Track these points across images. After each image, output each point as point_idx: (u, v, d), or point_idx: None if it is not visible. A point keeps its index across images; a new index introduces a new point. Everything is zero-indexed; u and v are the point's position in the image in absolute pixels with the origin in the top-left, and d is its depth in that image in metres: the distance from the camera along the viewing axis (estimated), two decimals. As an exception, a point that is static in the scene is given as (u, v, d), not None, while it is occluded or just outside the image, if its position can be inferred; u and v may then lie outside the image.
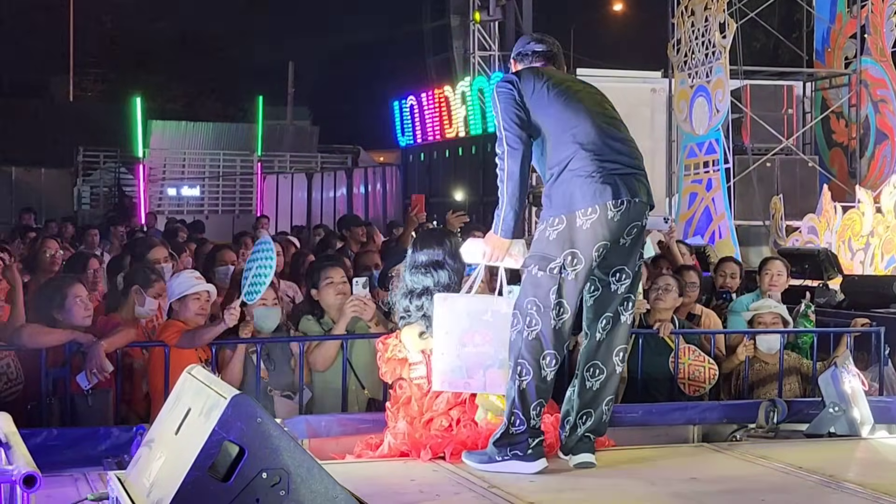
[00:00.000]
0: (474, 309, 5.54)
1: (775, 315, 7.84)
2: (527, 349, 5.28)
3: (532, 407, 5.28)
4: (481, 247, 5.59)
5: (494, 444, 5.30)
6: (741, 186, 18.58)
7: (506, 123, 5.45)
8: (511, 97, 5.49)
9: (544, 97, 5.51)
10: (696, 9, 18.61)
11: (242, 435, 3.65)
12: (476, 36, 22.21)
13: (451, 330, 5.51)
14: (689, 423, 6.81)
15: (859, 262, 14.68)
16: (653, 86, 22.11)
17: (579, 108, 5.52)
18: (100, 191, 32.95)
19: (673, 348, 7.30)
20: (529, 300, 5.32)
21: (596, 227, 5.27)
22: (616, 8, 43.18)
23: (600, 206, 5.27)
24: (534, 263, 5.35)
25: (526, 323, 5.30)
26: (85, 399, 6.23)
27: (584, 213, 5.27)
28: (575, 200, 5.29)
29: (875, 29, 18.91)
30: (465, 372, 5.50)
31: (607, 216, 5.28)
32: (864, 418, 6.31)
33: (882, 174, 18.31)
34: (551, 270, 5.28)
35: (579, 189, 5.29)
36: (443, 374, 5.52)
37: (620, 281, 5.51)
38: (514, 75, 5.68)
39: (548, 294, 5.28)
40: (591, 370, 5.49)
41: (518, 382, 5.28)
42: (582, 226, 5.27)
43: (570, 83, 5.68)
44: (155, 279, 7.24)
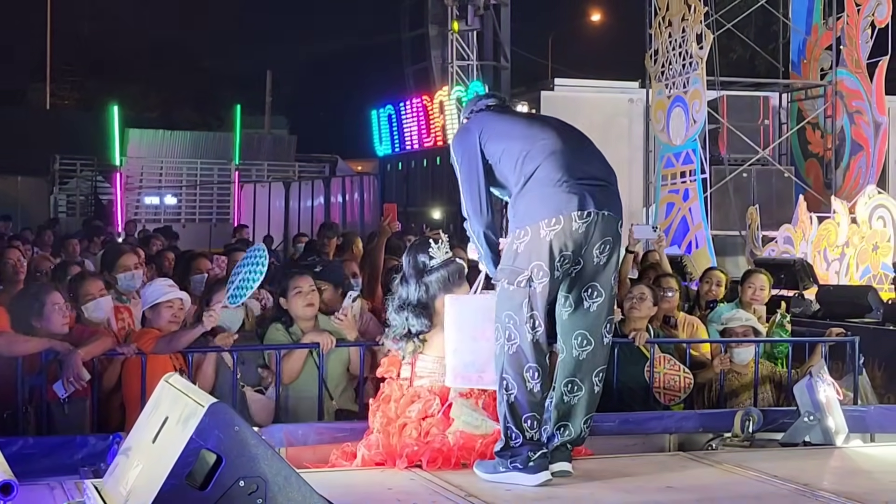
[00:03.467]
0: (484, 305, 5.52)
1: (746, 328, 7.85)
2: (509, 363, 5.27)
3: (523, 420, 5.24)
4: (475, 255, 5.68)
5: (497, 454, 5.31)
6: (718, 196, 18.67)
7: (464, 196, 5.48)
8: (465, 150, 5.50)
9: (506, 120, 5.53)
10: (674, 20, 18.70)
11: (220, 443, 3.66)
12: (454, 45, 22.24)
13: (463, 327, 5.55)
14: (666, 432, 6.84)
15: (835, 272, 14.75)
16: (630, 96, 22.20)
17: (546, 123, 5.54)
18: (76, 199, 32.84)
19: (648, 357, 7.32)
20: (507, 314, 5.29)
21: (560, 238, 5.21)
22: (594, 18, 43.37)
23: (564, 217, 5.21)
24: (504, 277, 5.32)
25: (506, 337, 5.28)
26: (61, 407, 6.21)
27: (548, 224, 5.21)
28: (539, 211, 5.24)
29: (850, 41, 19.05)
30: (477, 367, 5.52)
31: (572, 227, 5.22)
32: (838, 427, 6.35)
33: (857, 185, 18.43)
34: (519, 284, 5.25)
35: (544, 199, 5.24)
36: (455, 370, 5.55)
37: (593, 298, 5.41)
38: (464, 128, 5.64)
39: (520, 307, 5.25)
40: (568, 386, 5.43)
41: (506, 397, 5.27)
42: (545, 237, 5.21)
43: (521, 113, 5.84)
44: (86, 281, 7.19)
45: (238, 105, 33.28)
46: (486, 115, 5.60)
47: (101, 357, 6.33)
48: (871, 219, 14.47)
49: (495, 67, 22.99)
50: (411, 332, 5.79)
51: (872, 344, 9.22)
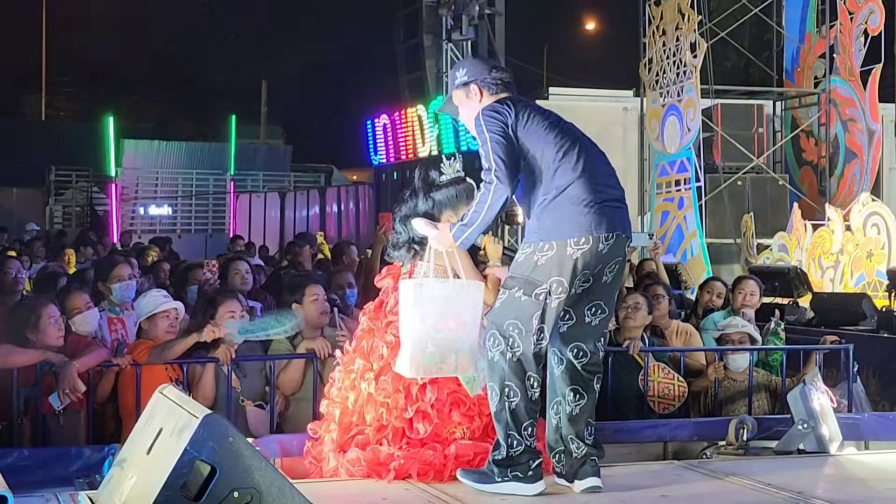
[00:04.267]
0: (447, 294, 5.47)
1: (743, 334, 7.89)
2: (512, 371, 5.27)
3: (524, 427, 5.27)
4: (431, 231, 5.55)
5: (495, 463, 5.28)
6: (712, 205, 18.68)
7: (497, 155, 5.30)
8: (502, 126, 5.36)
9: (537, 125, 5.42)
10: (668, 28, 18.73)
11: (214, 454, 3.67)
12: (449, 55, 22.25)
13: (426, 318, 5.43)
14: (660, 441, 6.87)
15: (829, 279, 14.77)
16: (625, 104, 22.21)
17: (575, 137, 5.47)
18: (72, 210, 32.86)
19: (643, 366, 7.34)
20: (511, 322, 5.29)
21: (586, 257, 5.24)
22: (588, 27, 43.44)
23: (593, 238, 5.24)
24: (518, 286, 5.30)
25: (508, 345, 5.28)
26: (56, 419, 6.23)
27: (577, 243, 5.24)
28: (569, 228, 5.25)
29: (844, 49, 19.08)
30: (438, 358, 5.43)
31: (598, 248, 5.26)
32: (832, 435, 6.37)
33: (851, 192, 18.45)
34: (537, 296, 5.25)
35: (574, 217, 5.25)
36: (417, 362, 5.42)
37: (595, 315, 5.45)
38: (500, 104, 5.47)
39: (530, 318, 5.26)
40: (571, 394, 5.42)
41: (508, 404, 5.27)
42: (572, 255, 5.23)
43: (551, 113, 5.58)
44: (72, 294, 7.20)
45: (233, 115, 33.34)
46: (511, 107, 5.44)
47: (95, 368, 6.34)
48: (865, 226, 14.49)
49: (490, 77, 22.97)
50: (413, 240, 5.79)
51: (867, 351, 9.24)
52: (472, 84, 5.61)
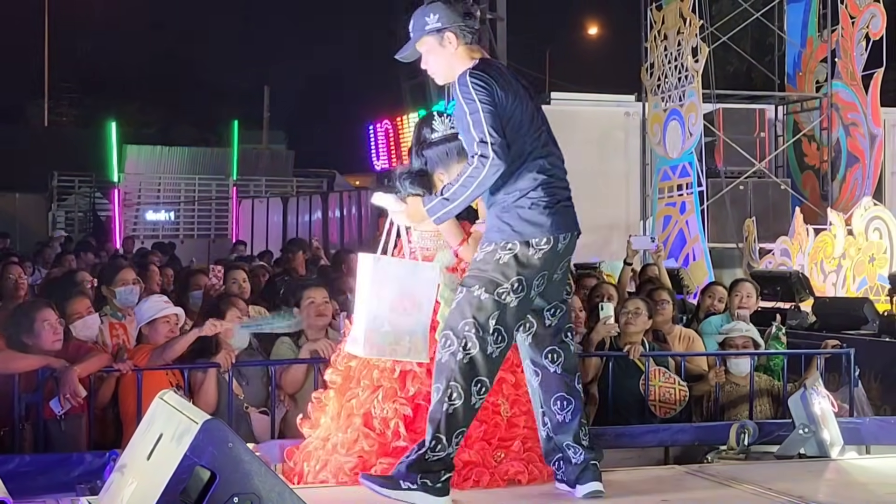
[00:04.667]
0: (404, 273, 5.33)
1: (746, 338, 7.90)
2: (460, 373, 5.04)
3: (456, 434, 5.06)
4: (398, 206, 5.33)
5: (409, 467, 5.03)
6: (714, 209, 18.69)
7: (491, 127, 5.04)
8: (493, 99, 5.10)
9: (517, 115, 5.19)
10: (669, 33, 18.74)
11: (214, 460, 3.66)
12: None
13: (384, 295, 5.26)
14: (661, 445, 6.87)
15: (831, 284, 14.76)
16: (626, 109, 22.18)
17: (542, 129, 5.33)
18: (74, 215, 32.87)
19: (643, 370, 7.34)
20: (467, 321, 5.09)
21: (547, 256, 5.15)
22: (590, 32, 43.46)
23: (553, 238, 5.15)
24: (478, 285, 5.12)
25: (461, 345, 5.06)
26: (58, 424, 6.24)
27: (539, 243, 5.13)
28: (532, 229, 5.14)
29: (845, 53, 19.08)
30: (392, 339, 5.26)
31: (557, 248, 5.18)
32: (833, 440, 6.36)
33: (853, 197, 18.45)
34: (499, 295, 5.09)
35: (536, 218, 5.14)
36: (371, 341, 5.27)
37: (555, 315, 5.38)
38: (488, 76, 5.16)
39: (488, 319, 5.08)
40: (558, 403, 5.35)
41: (447, 406, 5.04)
42: (534, 255, 5.13)
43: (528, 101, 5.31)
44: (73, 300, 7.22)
45: (236, 121, 33.34)
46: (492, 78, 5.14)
47: (96, 374, 6.35)
48: (867, 230, 14.48)
49: (492, 82, 23.00)
50: None
51: (868, 356, 9.24)
52: (447, 31, 5.31)
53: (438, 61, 5.35)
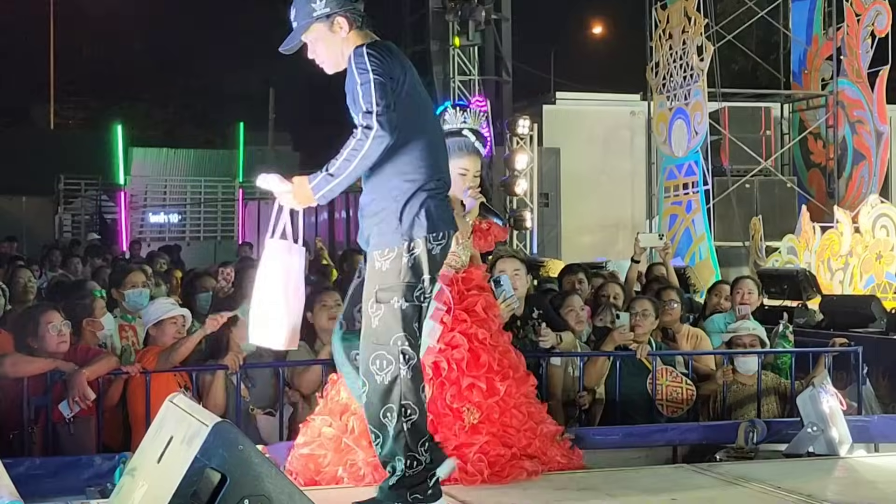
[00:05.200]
0: (297, 260, 5.11)
1: (753, 336, 7.91)
2: (408, 388, 4.86)
3: (421, 443, 4.90)
4: (284, 187, 5.08)
5: (391, 489, 4.88)
6: (721, 208, 18.68)
7: (380, 97, 4.75)
8: (385, 69, 4.84)
9: (413, 101, 4.98)
10: (674, 32, 18.74)
11: (224, 462, 3.68)
12: (456, 61, 22.25)
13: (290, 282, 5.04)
14: (669, 444, 6.87)
15: (839, 281, 14.76)
16: (632, 108, 22.23)
17: (436, 124, 5.18)
18: (81, 218, 32.88)
19: (651, 370, 7.34)
20: (398, 336, 4.86)
21: (444, 253, 5.03)
22: (595, 32, 43.44)
23: (448, 234, 5.02)
24: (396, 296, 4.88)
25: (401, 361, 4.86)
26: (67, 427, 6.26)
27: (436, 239, 4.95)
28: (429, 224, 4.92)
29: (851, 50, 19.07)
30: (291, 328, 5.04)
31: (448, 244, 5.04)
32: (842, 438, 6.36)
33: (860, 194, 18.44)
34: (417, 298, 4.91)
35: (434, 212, 4.94)
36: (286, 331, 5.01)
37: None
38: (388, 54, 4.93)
39: (412, 324, 4.90)
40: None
41: (405, 424, 4.86)
42: (432, 250, 4.94)
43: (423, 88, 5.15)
44: (90, 300, 7.25)
45: (241, 122, 33.34)
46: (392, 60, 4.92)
47: (104, 376, 6.36)
48: (874, 228, 14.47)
49: (497, 82, 23.00)
50: None
51: (876, 354, 9.23)
52: (338, 16, 5.05)
53: (329, 49, 5.09)
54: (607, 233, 22.14)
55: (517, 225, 19.66)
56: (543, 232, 21.07)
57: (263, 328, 5.01)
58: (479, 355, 5.60)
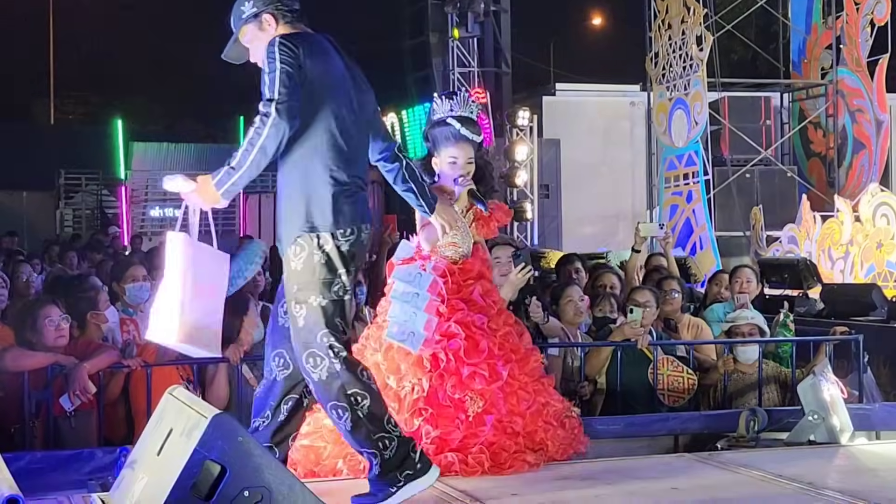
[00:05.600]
0: (213, 259, 4.98)
1: (752, 325, 7.89)
2: (350, 377, 4.85)
3: (385, 421, 4.87)
4: (190, 186, 4.91)
5: (379, 478, 4.86)
6: (721, 198, 18.68)
7: (283, 86, 4.74)
8: (298, 62, 4.81)
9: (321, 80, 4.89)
10: (674, 22, 18.72)
11: (224, 454, 3.67)
12: (455, 53, 22.26)
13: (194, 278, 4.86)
14: (671, 434, 6.87)
15: (839, 270, 14.76)
16: (632, 99, 22.24)
17: (361, 119, 5.09)
18: (82, 213, 32.88)
19: (652, 360, 7.33)
20: (322, 333, 4.84)
21: (356, 248, 4.95)
22: (594, 23, 43.41)
23: (358, 228, 4.94)
24: (313, 295, 4.86)
25: (332, 354, 4.84)
26: (68, 421, 6.25)
27: (345, 234, 4.89)
28: (336, 219, 4.88)
29: (850, 39, 19.06)
30: (196, 327, 4.88)
31: (362, 239, 4.98)
32: (843, 426, 6.36)
33: (860, 183, 18.44)
34: (336, 293, 4.88)
35: (340, 207, 4.89)
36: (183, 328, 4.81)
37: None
38: (300, 40, 4.91)
39: (335, 318, 4.88)
40: (290, 403, 5.13)
41: (359, 412, 4.84)
42: (341, 246, 4.89)
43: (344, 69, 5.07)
44: (94, 293, 7.24)
45: (241, 116, 33.30)
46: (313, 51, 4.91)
47: (105, 370, 6.36)
48: (874, 217, 14.48)
49: (496, 73, 23.02)
50: None
51: (877, 342, 9.23)
52: (265, 14, 5.02)
53: (258, 49, 4.99)
54: (608, 223, 22.15)
55: (518, 216, 19.66)
56: (544, 223, 21.09)
57: (155, 322, 4.88)
58: (478, 342, 5.58)
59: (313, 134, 4.90)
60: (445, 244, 5.66)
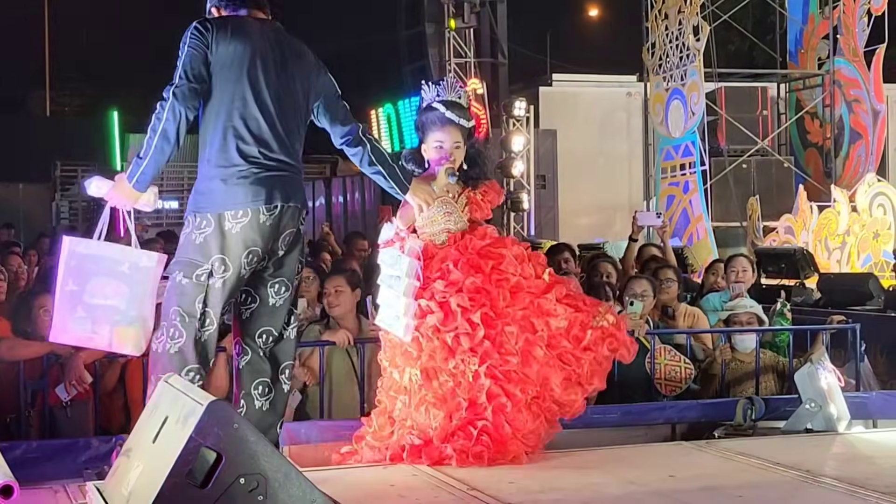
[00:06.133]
0: (109, 257, 4.97)
1: (751, 314, 7.89)
2: (170, 364, 4.86)
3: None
4: (107, 189, 5.05)
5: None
6: (718, 188, 18.69)
7: (184, 69, 4.89)
8: (201, 42, 4.91)
9: (231, 61, 4.95)
10: (670, 12, 18.71)
11: (219, 441, 3.66)
12: (451, 43, 22.23)
13: (78, 279, 4.91)
14: (668, 422, 6.86)
15: (836, 260, 14.78)
16: (628, 90, 22.23)
17: (259, 90, 5.02)
18: (78, 205, 32.85)
19: (649, 349, 7.32)
20: (174, 309, 4.90)
21: (246, 231, 4.90)
22: (591, 13, 43.36)
23: (252, 210, 4.90)
24: (178, 269, 4.93)
25: (169, 335, 4.89)
26: (64, 411, 6.25)
27: (235, 216, 4.90)
28: (225, 200, 4.91)
29: (847, 29, 19.05)
30: (90, 325, 4.94)
31: (259, 220, 4.92)
32: (840, 414, 6.36)
33: (857, 173, 18.45)
34: (198, 277, 4.88)
35: (231, 188, 4.93)
36: (65, 325, 4.93)
37: (279, 294, 5.16)
38: (210, 24, 5.01)
39: (193, 303, 4.88)
40: (258, 388, 5.17)
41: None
42: (231, 229, 4.89)
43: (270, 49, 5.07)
44: None
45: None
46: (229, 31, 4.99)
47: (102, 359, 6.35)
48: (871, 207, 14.49)
49: (493, 64, 22.98)
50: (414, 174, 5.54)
51: (874, 331, 9.24)
52: (212, 7, 5.23)
53: None
54: (604, 214, 22.13)
55: (514, 207, 19.65)
56: (541, 214, 21.06)
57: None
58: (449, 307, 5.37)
59: (214, 115, 5.01)
60: (438, 230, 5.61)
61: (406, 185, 5.36)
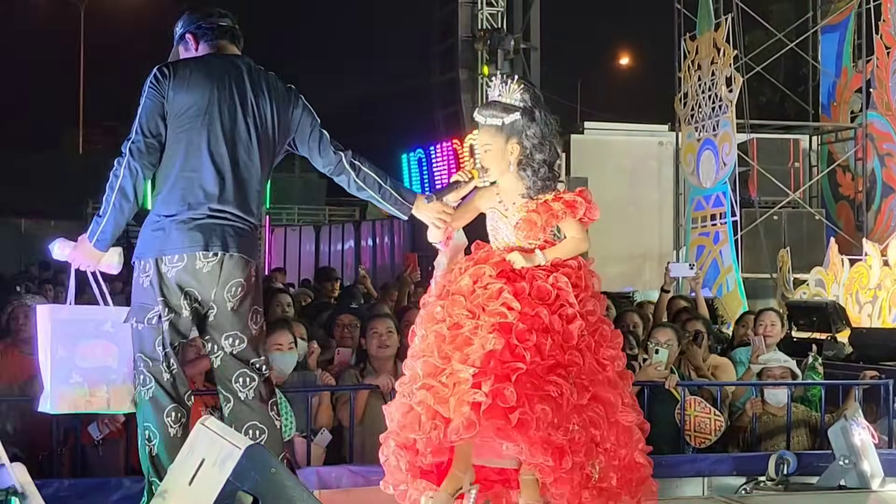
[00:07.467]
0: (91, 319, 5.07)
1: (784, 369, 7.86)
2: (150, 410, 4.94)
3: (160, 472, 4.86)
4: (69, 250, 5.12)
5: None
6: (748, 239, 18.61)
7: (139, 124, 4.95)
8: (157, 93, 4.96)
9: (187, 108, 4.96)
10: (703, 63, 18.73)
11: (257, 485, 3.66)
12: (484, 89, 22.31)
13: (69, 345, 4.97)
14: (699, 476, 6.82)
15: (867, 314, 14.67)
16: (660, 139, 22.19)
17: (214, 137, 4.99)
18: (109, 243, 33.05)
19: (679, 400, 7.30)
20: (138, 356, 4.97)
21: (182, 276, 4.91)
22: (623, 62, 43.50)
23: (189, 256, 4.91)
24: (133, 316, 4.99)
25: (140, 382, 4.96)
26: (96, 449, 6.27)
27: (171, 261, 4.91)
28: (163, 245, 4.93)
29: (880, 83, 18.99)
30: (87, 387, 5.01)
31: (195, 266, 4.92)
32: (874, 471, 6.31)
33: (889, 227, 18.33)
34: (150, 321, 4.93)
35: (169, 234, 4.93)
36: (62, 395, 4.97)
37: (234, 346, 5.07)
38: (169, 70, 5.00)
39: (153, 347, 4.94)
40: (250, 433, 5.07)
41: (148, 448, 4.95)
42: (167, 273, 4.92)
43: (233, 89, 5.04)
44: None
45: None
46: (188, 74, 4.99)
47: (134, 399, 6.36)
48: (903, 261, 14.40)
49: (525, 111, 23.04)
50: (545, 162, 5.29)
51: (906, 387, 9.16)
52: (187, 34, 5.20)
53: None
54: (634, 263, 22.06)
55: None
56: (570, 261, 20.97)
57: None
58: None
59: (167, 162, 4.99)
60: None
61: (406, 203, 5.31)
